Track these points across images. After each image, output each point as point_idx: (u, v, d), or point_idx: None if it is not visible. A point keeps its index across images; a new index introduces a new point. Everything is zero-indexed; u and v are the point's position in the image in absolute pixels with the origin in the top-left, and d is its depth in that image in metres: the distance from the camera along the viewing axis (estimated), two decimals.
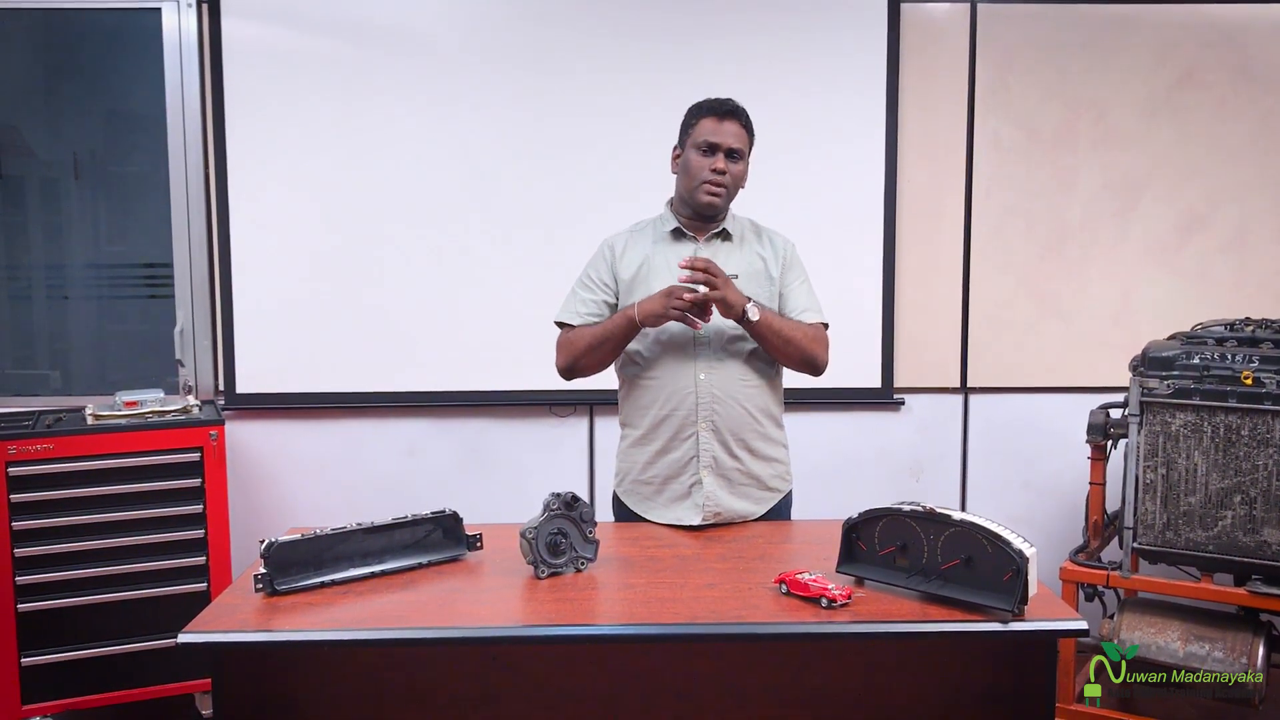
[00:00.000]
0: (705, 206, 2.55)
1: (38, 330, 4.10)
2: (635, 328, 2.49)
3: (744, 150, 2.57)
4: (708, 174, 2.52)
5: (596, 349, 2.56)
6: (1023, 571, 1.87)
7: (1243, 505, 3.01)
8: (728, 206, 2.61)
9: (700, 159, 2.54)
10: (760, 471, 2.60)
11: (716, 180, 2.52)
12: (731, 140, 2.53)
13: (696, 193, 2.54)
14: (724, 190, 2.54)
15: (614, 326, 2.52)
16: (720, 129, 2.54)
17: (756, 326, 2.47)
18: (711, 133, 2.53)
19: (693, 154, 2.56)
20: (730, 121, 2.55)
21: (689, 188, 2.57)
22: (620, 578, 2.18)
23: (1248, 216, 3.92)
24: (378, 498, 3.83)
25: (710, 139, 2.53)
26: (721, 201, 2.55)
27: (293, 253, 3.81)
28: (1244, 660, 2.99)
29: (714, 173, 2.52)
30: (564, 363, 2.63)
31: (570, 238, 3.48)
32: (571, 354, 2.60)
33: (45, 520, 3.23)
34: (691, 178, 2.55)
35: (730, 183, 2.55)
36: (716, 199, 2.54)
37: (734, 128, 2.55)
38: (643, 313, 2.45)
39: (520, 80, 3.80)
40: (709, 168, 2.52)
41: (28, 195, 4.06)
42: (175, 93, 3.79)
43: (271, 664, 2.15)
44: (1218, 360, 3.08)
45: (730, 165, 2.54)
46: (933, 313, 3.96)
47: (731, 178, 2.55)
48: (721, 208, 2.58)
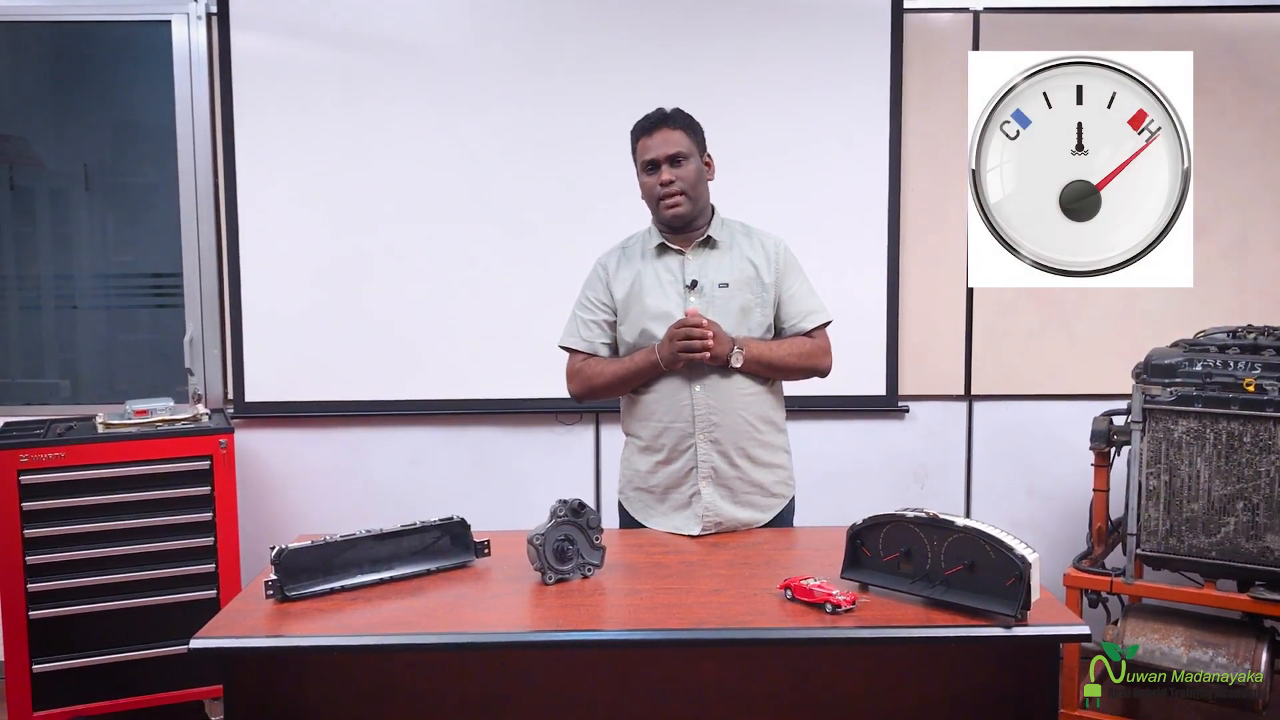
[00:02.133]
0: (672, 220, 2.58)
1: (48, 340, 4.13)
2: (659, 369, 2.53)
3: (687, 150, 2.57)
4: (658, 190, 2.55)
5: (617, 387, 2.63)
6: (1025, 577, 1.88)
7: (1245, 511, 3.02)
8: (700, 209, 2.62)
9: (648, 179, 2.58)
10: (762, 478, 2.61)
11: (667, 193, 2.54)
12: (669, 148, 2.55)
13: (659, 211, 2.59)
14: (681, 197, 2.55)
15: (638, 368, 2.56)
16: (653, 142, 2.56)
17: (747, 368, 2.53)
18: (645, 150, 2.57)
19: (642, 176, 2.61)
20: (660, 131, 2.57)
21: (651, 208, 2.62)
22: (626, 584, 2.20)
23: (1250, 223, 3.93)
24: (385, 505, 3.85)
25: (646, 156, 2.57)
26: (684, 209, 2.57)
27: (301, 262, 3.84)
28: (1247, 666, 2.99)
29: (662, 186, 2.54)
30: (579, 391, 2.68)
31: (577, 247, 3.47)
32: (588, 386, 2.65)
33: (57, 528, 3.26)
34: (649, 198, 2.60)
35: (686, 187, 2.56)
36: (679, 208, 2.56)
37: (666, 135, 2.56)
38: (662, 360, 2.51)
39: (526, 90, 3.82)
40: (657, 183, 2.55)
41: (38, 205, 4.09)
42: (185, 104, 3.83)
43: (281, 669, 2.17)
44: (1220, 367, 3.09)
45: (677, 171, 2.55)
46: (936, 320, 3.97)
47: (684, 182, 2.55)
48: (688, 214, 2.58)
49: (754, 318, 2.59)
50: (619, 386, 2.62)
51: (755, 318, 2.59)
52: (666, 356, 2.48)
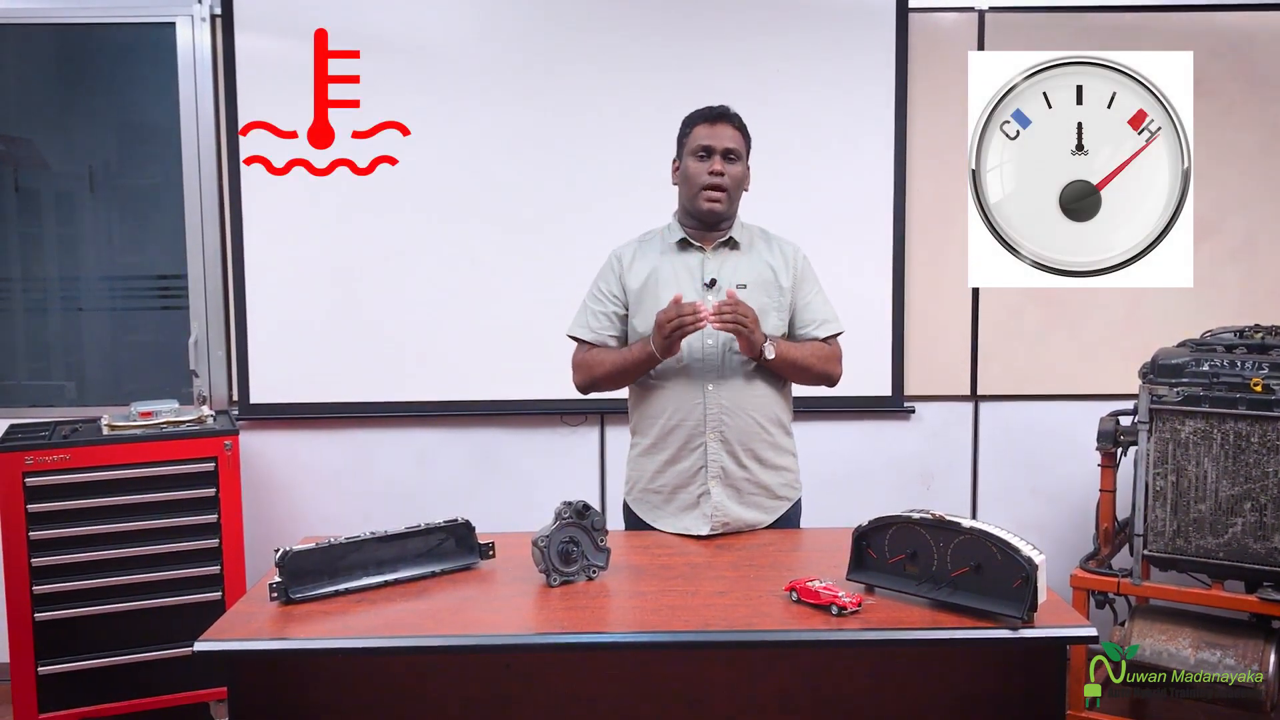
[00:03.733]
0: (706, 214, 2.56)
1: (53, 342, 4.13)
2: (655, 360, 2.51)
3: (740, 151, 2.57)
4: (706, 177, 2.53)
5: (616, 377, 2.61)
6: (1032, 579, 1.87)
7: (1253, 512, 3.01)
8: (732, 212, 2.61)
9: (697, 164, 2.55)
10: (769, 480, 2.61)
11: (715, 183, 2.53)
12: (727, 141, 2.54)
13: (697, 199, 2.56)
14: (724, 194, 2.54)
15: (635, 358, 2.54)
16: (714, 132, 2.55)
17: (773, 363, 2.50)
18: (705, 137, 2.55)
19: (690, 161, 2.57)
20: (723, 125, 2.56)
21: (690, 195, 2.58)
22: (632, 585, 2.19)
23: (1256, 224, 3.92)
24: (390, 506, 3.85)
25: (704, 143, 2.55)
26: (723, 207, 2.56)
27: (305, 263, 3.84)
28: (1255, 667, 2.99)
29: (712, 175, 2.53)
30: (582, 381, 2.66)
31: (582, 246, 3.49)
32: (590, 376, 2.63)
33: (62, 530, 3.27)
34: (691, 184, 2.57)
35: (730, 185, 2.55)
36: (718, 204, 2.55)
37: (728, 130, 2.56)
38: (656, 349, 2.47)
39: (533, 91, 3.82)
40: (706, 171, 2.53)
41: (43, 208, 4.10)
42: (189, 106, 3.83)
43: (286, 672, 2.16)
44: (1227, 367, 3.08)
45: (728, 167, 2.55)
46: (942, 320, 3.96)
47: (731, 179, 2.55)
48: (724, 214, 2.58)
49: (770, 321, 2.58)
50: (618, 378, 2.61)
51: (771, 321, 2.58)
52: (660, 345, 2.45)
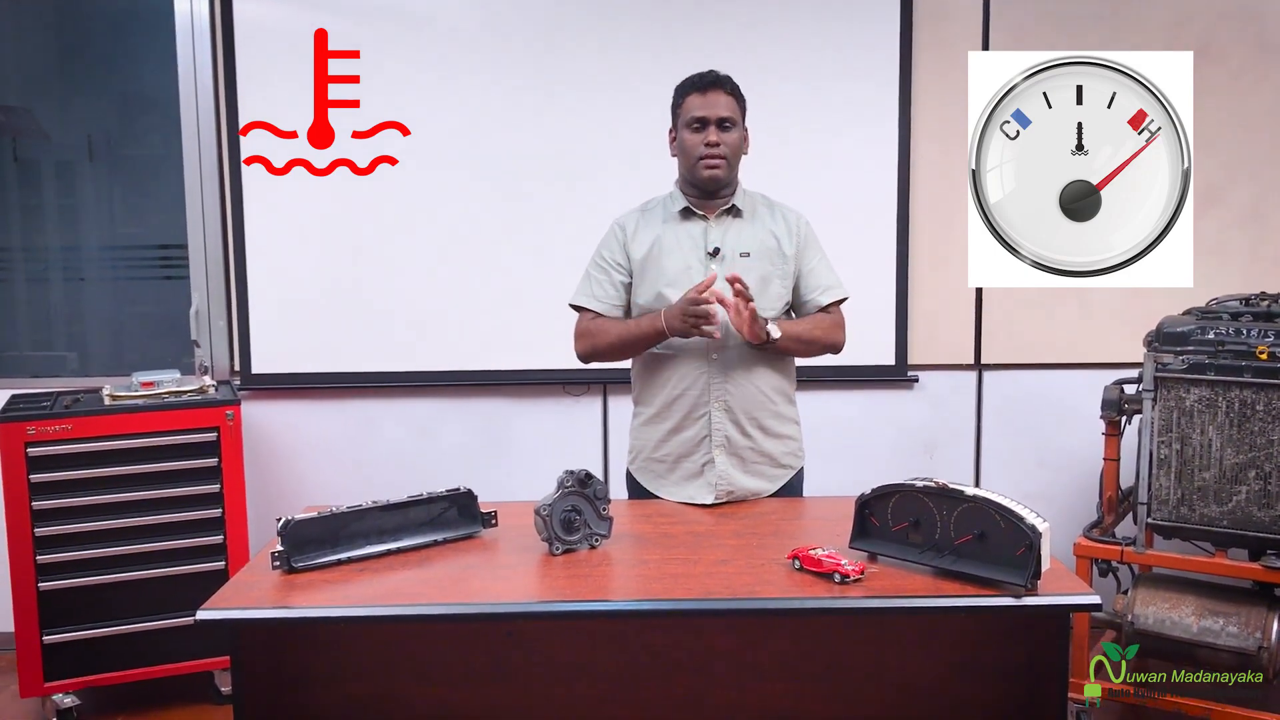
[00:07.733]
0: (707, 181, 2.55)
1: (55, 312, 4.13)
2: (664, 336, 2.49)
3: (735, 118, 2.55)
4: (702, 149, 2.52)
5: (621, 350, 2.60)
6: (1035, 546, 1.87)
7: (1257, 480, 3.01)
8: (733, 178, 2.60)
9: (692, 136, 2.54)
10: (773, 449, 2.60)
11: (712, 154, 2.52)
12: (721, 110, 2.52)
13: (696, 169, 2.54)
14: (722, 161, 2.53)
15: (642, 332, 2.53)
16: (706, 101, 2.53)
17: (780, 343, 2.49)
18: (698, 107, 2.53)
19: (685, 133, 2.56)
20: (714, 92, 2.54)
21: (688, 166, 2.57)
22: (634, 554, 2.19)
23: (1264, 190, 3.89)
24: (393, 476, 3.84)
25: (697, 114, 2.53)
26: (722, 173, 2.54)
27: (306, 233, 3.82)
28: (1258, 635, 2.99)
29: (708, 146, 2.51)
30: (584, 350, 2.65)
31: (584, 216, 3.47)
32: (593, 346, 2.61)
33: (65, 500, 3.27)
34: (688, 156, 2.55)
35: (728, 153, 2.53)
36: (717, 171, 2.53)
37: (720, 97, 2.53)
38: (669, 327, 2.46)
39: (533, 61, 3.79)
40: (702, 143, 2.52)
41: (43, 178, 4.09)
42: (188, 74, 3.79)
43: (289, 640, 2.17)
44: (1232, 335, 3.07)
45: (723, 135, 2.53)
46: (946, 290, 3.94)
47: (728, 147, 2.53)
48: (724, 180, 2.56)
49: (773, 288, 2.57)
50: (621, 349, 2.60)
51: (775, 289, 2.57)
52: (677, 327, 2.44)
